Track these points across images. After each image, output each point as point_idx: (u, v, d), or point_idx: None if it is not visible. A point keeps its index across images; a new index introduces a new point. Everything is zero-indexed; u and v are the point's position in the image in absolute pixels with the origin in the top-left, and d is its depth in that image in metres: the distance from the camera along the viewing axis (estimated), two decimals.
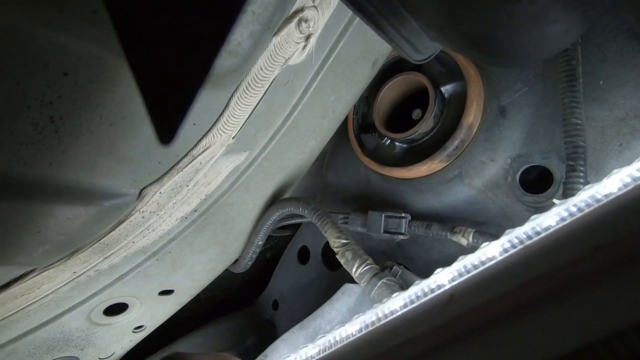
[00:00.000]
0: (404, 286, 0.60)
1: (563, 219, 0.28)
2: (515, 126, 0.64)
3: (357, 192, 0.85)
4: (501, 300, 0.25)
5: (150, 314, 0.87)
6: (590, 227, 0.25)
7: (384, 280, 0.58)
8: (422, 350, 0.28)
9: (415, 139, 0.73)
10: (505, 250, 0.30)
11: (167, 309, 0.90)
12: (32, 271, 0.64)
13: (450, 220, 0.71)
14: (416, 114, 0.77)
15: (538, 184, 0.63)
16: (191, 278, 0.87)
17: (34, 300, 0.68)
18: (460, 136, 0.67)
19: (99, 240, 0.65)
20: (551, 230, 0.27)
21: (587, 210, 0.26)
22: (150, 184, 0.63)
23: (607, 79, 0.56)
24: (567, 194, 0.51)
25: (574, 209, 0.28)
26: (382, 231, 0.70)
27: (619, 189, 0.26)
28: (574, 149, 0.51)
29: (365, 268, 0.60)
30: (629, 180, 0.26)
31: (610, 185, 0.28)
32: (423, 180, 0.73)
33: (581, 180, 0.50)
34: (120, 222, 0.65)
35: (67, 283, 0.69)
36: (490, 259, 0.31)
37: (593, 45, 0.58)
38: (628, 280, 0.22)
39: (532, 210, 0.61)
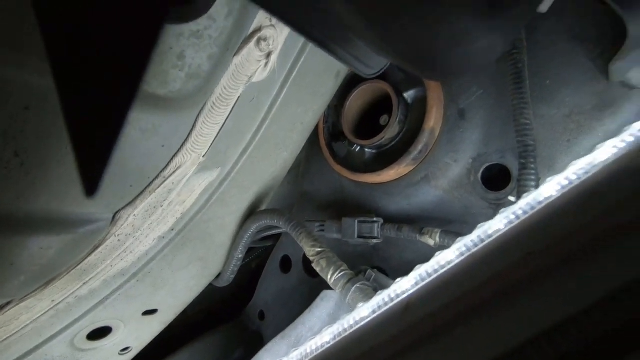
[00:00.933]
0: (378, 289, 0.61)
1: (507, 225, 0.30)
2: (473, 128, 0.66)
3: (332, 199, 0.86)
4: (448, 308, 0.27)
5: (135, 334, 0.86)
6: (525, 233, 0.26)
7: (357, 285, 0.59)
8: (383, 358, 0.29)
9: (382, 144, 0.75)
10: (457, 257, 0.32)
11: (152, 328, 0.89)
12: (8, 303, 0.63)
13: (420, 220, 0.72)
14: (383, 119, 0.79)
15: (500, 181, 0.65)
16: (174, 296, 0.87)
17: (14, 331, 0.67)
18: (423, 140, 0.69)
19: (76, 266, 0.65)
20: (492, 238, 0.29)
21: (522, 218, 0.28)
22: (124, 208, 0.63)
23: (553, 79, 0.59)
24: (521, 190, 0.53)
25: (513, 217, 0.29)
26: (356, 236, 0.72)
27: (550, 197, 0.27)
28: (525, 148, 0.53)
29: (339, 274, 0.61)
30: (558, 187, 0.28)
31: (544, 192, 0.29)
32: (393, 184, 0.74)
33: (532, 177, 0.52)
34: (96, 247, 0.65)
35: (46, 312, 0.68)
36: (443, 267, 0.32)
37: (539, 47, 0.60)
38: (558, 283, 0.23)
39: (494, 207, 0.64)
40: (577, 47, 0.57)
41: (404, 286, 0.34)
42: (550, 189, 0.29)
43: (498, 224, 0.31)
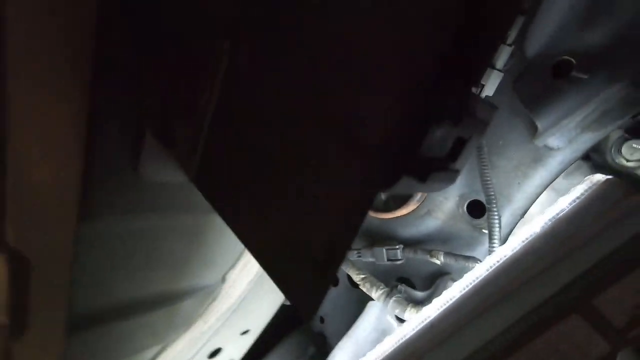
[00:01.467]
0: (408, 298, 0.90)
1: (463, 289, 0.58)
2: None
3: (364, 230, 1.14)
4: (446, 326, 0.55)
5: (236, 350, 1.17)
6: (468, 298, 0.54)
7: (393, 298, 0.87)
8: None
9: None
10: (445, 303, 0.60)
11: (247, 342, 1.19)
12: (165, 346, 0.93)
13: (428, 241, 1.00)
14: None
15: (480, 210, 0.92)
16: (260, 317, 1.17)
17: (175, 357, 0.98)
18: None
19: (202, 314, 0.95)
20: (458, 296, 0.57)
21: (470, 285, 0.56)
22: (228, 271, 0.92)
23: (504, 140, 0.85)
24: (490, 224, 0.80)
25: (469, 283, 0.57)
26: (385, 260, 1.00)
27: (481, 274, 0.55)
28: (488, 197, 0.79)
29: (380, 292, 0.90)
30: (492, 263, 0.56)
31: (478, 271, 0.57)
32: (405, 217, 1.02)
33: (495, 216, 0.79)
34: (214, 299, 0.94)
35: (185, 346, 0.98)
36: (445, 303, 0.60)
37: None
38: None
39: (477, 230, 0.91)
40: (516, 118, 0.83)
41: (429, 312, 0.62)
42: (482, 268, 0.57)
43: (463, 284, 0.58)
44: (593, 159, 0.87)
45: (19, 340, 0.58)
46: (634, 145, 0.82)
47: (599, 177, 0.54)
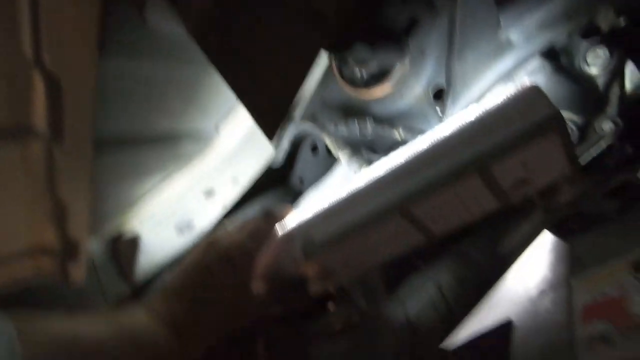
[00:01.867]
0: (368, 160, 1.09)
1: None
2: (427, 66, 1.03)
3: (339, 104, 1.28)
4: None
5: (228, 195, 1.41)
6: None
7: (354, 160, 1.07)
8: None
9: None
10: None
11: (236, 191, 1.43)
12: (166, 176, 1.15)
13: (398, 118, 1.15)
14: None
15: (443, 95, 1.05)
16: (247, 170, 1.38)
17: (183, 191, 1.21)
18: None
19: (199, 156, 1.14)
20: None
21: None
22: (221, 121, 1.09)
23: (476, 33, 0.93)
24: (444, 106, 0.94)
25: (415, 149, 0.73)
26: (357, 134, 1.16)
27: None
28: (447, 84, 0.91)
29: (345, 153, 1.09)
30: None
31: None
32: (382, 98, 1.15)
33: (449, 100, 0.92)
34: (208, 145, 1.13)
35: (185, 182, 1.21)
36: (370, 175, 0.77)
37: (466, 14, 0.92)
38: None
39: (437, 111, 1.05)
40: (489, 13, 0.89)
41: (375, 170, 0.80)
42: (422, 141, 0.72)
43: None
44: (560, 60, 0.96)
45: (58, 147, 0.76)
46: (599, 52, 0.91)
47: (527, 82, 0.66)
